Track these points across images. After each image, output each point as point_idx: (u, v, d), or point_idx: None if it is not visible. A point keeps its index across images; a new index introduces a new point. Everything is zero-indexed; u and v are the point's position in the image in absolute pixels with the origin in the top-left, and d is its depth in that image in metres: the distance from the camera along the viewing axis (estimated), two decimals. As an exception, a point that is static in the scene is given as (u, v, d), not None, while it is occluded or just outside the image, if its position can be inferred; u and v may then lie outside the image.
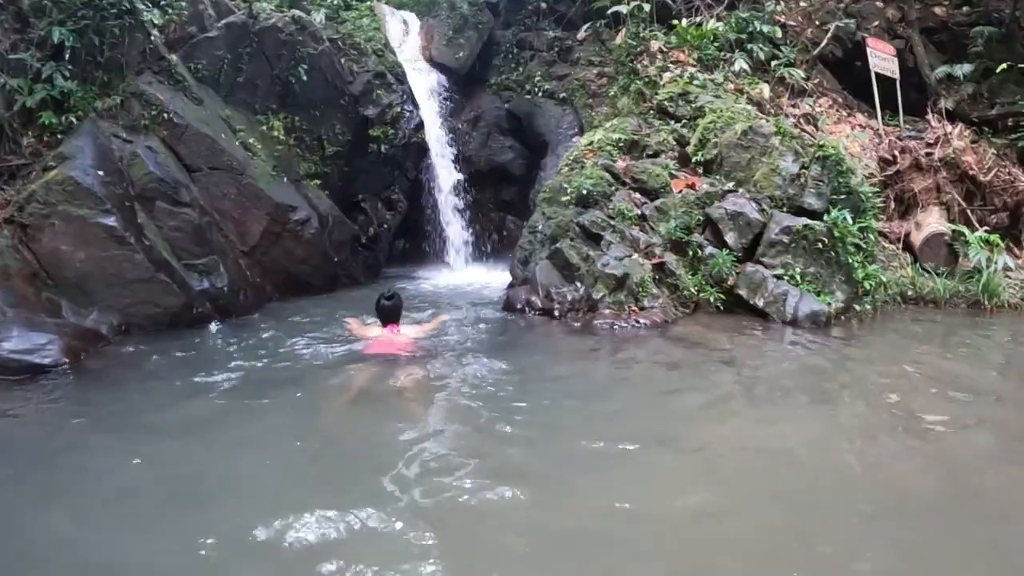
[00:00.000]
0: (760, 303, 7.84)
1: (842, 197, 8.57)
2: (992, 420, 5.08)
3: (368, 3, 13.47)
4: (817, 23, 12.84)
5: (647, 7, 11.94)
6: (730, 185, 8.82)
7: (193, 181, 8.45)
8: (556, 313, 7.94)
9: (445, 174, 13.26)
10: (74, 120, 7.72)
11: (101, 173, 7.21)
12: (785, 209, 8.49)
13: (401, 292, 7.04)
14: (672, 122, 10.17)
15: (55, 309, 6.59)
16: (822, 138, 9.43)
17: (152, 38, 8.65)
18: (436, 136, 13.21)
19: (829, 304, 7.82)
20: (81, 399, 5.35)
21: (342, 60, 11.47)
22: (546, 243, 8.74)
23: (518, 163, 13.96)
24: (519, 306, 8.18)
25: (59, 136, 7.63)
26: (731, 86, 10.78)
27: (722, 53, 11.53)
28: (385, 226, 12.32)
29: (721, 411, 5.14)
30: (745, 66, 11.08)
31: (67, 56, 7.71)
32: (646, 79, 11.07)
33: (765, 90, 10.89)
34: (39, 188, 6.94)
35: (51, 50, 7.77)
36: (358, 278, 10.86)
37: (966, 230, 9.69)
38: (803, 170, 8.63)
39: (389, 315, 6.43)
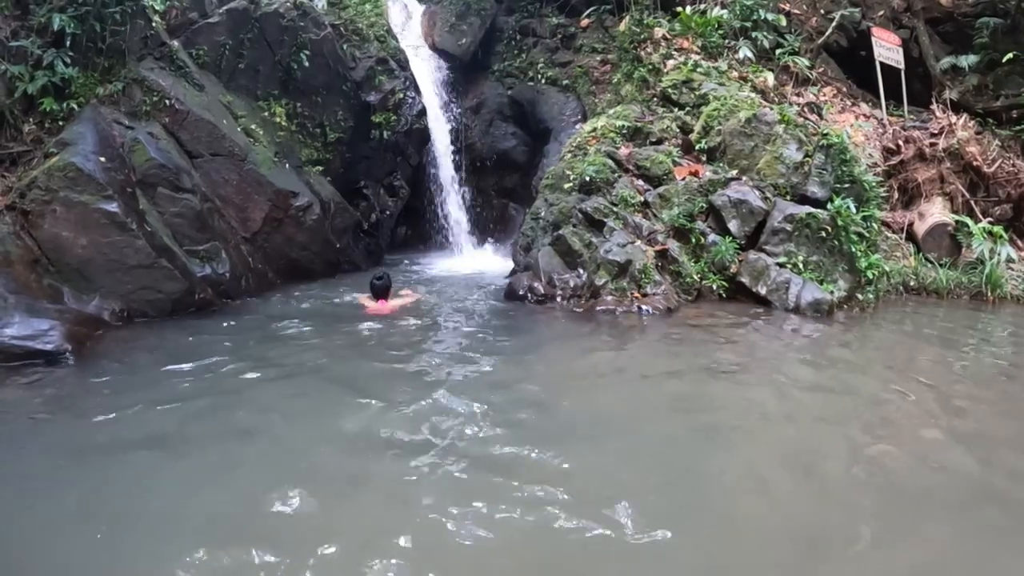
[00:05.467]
0: (763, 291, 7.83)
1: (845, 186, 8.54)
2: (992, 408, 5.08)
3: (370, -12, 13.40)
4: (822, 12, 12.79)
5: (651, -6, 11.90)
6: (733, 173, 8.78)
7: (195, 167, 8.43)
8: (558, 299, 7.95)
9: (447, 161, 13.24)
10: (75, 107, 7.69)
11: (102, 159, 7.19)
12: (788, 197, 8.46)
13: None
14: (675, 109, 10.14)
15: (56, 295, 6.59)
16: (826, 127, 9.39)
17: (153, 24, 8.61)
18: (438, 123, 13.18)
19: (831, 293, 7.80)
20: (83, 385, 5.33)
21: (344, 46, 11.43)
22: (548, 229, 8.72)
23: (520, 150, 13.93)
24: (521, 292, 8.18)
25: (60, 123, 7.61)
26: (735, 74, 10.73)
27: (726, 41, 11.46)
28: (387, 212, 12.32)
29: (721, 398, 5.14)
30: (749, 54, 11.03)
31: (68, 43, 7.66)
32: (650, 66, 11.02)
33: (769, 78, 10.83)
34: (40, 174, 6.91)
35: (52, 37, 7.72)
36: (359, 264, 10.86)
37: (969, 221, 9.68)
38: (807, 158, 8.60)
39: (379, 291, 7.92)
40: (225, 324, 7.16)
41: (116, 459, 3.99)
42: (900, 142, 10.81)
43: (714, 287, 8.07)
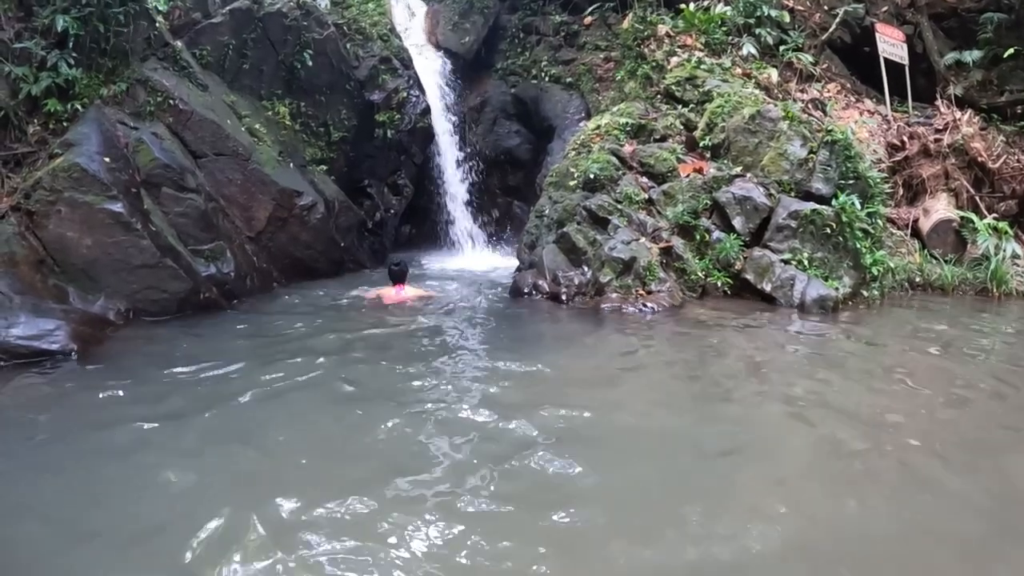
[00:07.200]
0: (767, 288, 7.82)
1: (850, 182, 8.52)
2: (996, 404, 5.06)
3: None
4: (825, 8, 12.74)
5: (654, -9, 11.88)
6: (737, 170, 8.77)
7: (199, 167, 8.45)
8: (563, 297, 7.94)
9: (451, 159, 13.24)
10: (79, 107, 7.71)
11: (107, 159, 7.20)
12: (793, 194, 8.45)
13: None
14: (679, 106, 10.12)
15: (62, 295, 6.60)
16: (830, 123, 9.35)
17: (156, 24, 8.63)
18: (442, 121, 13.18)
19: (837, 289, 7.79)
20: (88, 385, 5.33)
21: (347, 45, 11.45)
22: (553, 227, 8.72)
23: (524, 148, 13.92)
24: (526, 290, 8.19)
25: (64, 123, 7.63)
26: (739, 71, 10.70)
27: (730, 37, 11.43)
28: (391, 211, 12.33)
29: (729, 395, 5.13)
30: (753, 51, 11.00)
31: (71, 44, 7.68)
32: (653, 63, 11.01)
33: (773, 75, 10.80)
34: (45, 175, 6.93)
35: (55, 38, 7.74)
36: (364, 263, 10.86)
37: (974, 217, 9.63)
38: (811, 155, 8.58)
39: (397, 276, 8.24)
40: (230, 324, 7.17)
41: (118, 459, 4.00)
42: (904, 138, 10.77)
43: (719, 284, 8.06)
